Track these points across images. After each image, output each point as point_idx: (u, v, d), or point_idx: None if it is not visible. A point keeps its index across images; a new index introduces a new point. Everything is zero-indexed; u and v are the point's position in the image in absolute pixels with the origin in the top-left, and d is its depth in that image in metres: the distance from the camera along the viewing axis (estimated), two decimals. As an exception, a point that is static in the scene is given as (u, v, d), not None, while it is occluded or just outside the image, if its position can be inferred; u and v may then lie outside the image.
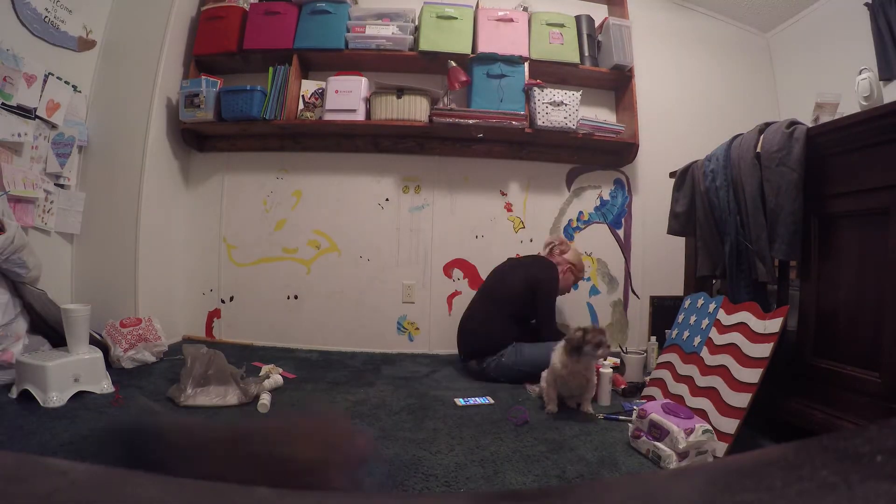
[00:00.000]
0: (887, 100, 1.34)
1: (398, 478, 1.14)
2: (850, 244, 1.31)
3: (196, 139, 2.57)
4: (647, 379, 1.83)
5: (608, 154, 2.66)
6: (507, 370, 1.98)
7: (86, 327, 1.69)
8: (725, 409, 1.33)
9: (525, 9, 2.58)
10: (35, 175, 2.05)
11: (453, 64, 2.41)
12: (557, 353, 1.64)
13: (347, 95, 2.40)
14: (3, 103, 1.87)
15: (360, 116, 2.40)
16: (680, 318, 1.78)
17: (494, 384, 1.95)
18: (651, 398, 1.67)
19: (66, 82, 2.18)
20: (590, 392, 1.66)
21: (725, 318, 1.53)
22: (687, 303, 1.80)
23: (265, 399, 1.59)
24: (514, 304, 2.09)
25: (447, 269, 2.60)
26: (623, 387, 1.85)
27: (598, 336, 1.56)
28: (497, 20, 2.50)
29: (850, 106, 1.52)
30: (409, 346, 2.58)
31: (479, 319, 2.12)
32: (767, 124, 1.55)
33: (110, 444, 0.73)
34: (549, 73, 2.55)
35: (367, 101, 2.42)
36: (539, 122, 2.37)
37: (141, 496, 0.24)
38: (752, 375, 1.31)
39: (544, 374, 1.72)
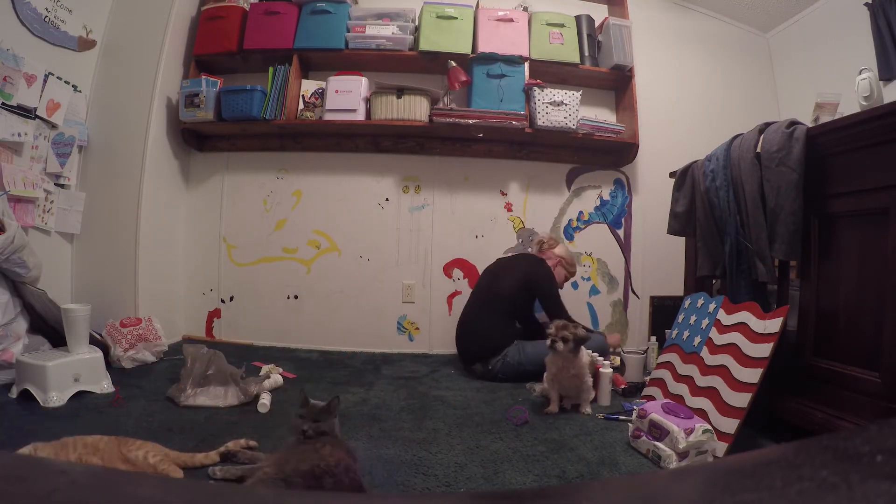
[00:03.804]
0: (887, 100, 1.34)
1: (399, 478, 1.14)
2: (850, 244, 1.31)
3: (196, 139, 2.57)
4: (647, 379, 1.83)
5: (608, 154, 2.66)
6: (512, 369, 1.98)
7: (86, 327, 1.69)
8: (725, 409, 1.33)
9: (525, 9, 2.58)
10: (35, 175, 2.05)
11: (453, 64, 2.41)
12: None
13: (347, 95, 2.40)
14: (3, 103, 1.87)
15: (360, 116, 2.40)
16: (680, 317, 1.78)
17: (499, 384, 1.95)
18: (651, 398, 1.67)
19: (67, 82, 2.18)
20: (586, 393, 1.65)
21: (725, 318, 1.53)
22: (687, 303, 1.79)
23: (265, 399, 1.59)
24: (512, 304, 2.10)
25: (447, 269, 2.60)
26: (623, 387, 1.85)
27: (563, 331, 1.59)
28: (497, 20, 2.50)
29: (850, 106, 1.52)
30: (409, 346, 2.58)
31: (479, 322, 2.12)
32: (767, 124, 1.55)
33: None
34: (549, 73, 2.55)
35: (367, 101, 2.42)
36: (539, 122, 2.37)
37: (141, 496, 0.24)
38: (752, 375, 1.31)
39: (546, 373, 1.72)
